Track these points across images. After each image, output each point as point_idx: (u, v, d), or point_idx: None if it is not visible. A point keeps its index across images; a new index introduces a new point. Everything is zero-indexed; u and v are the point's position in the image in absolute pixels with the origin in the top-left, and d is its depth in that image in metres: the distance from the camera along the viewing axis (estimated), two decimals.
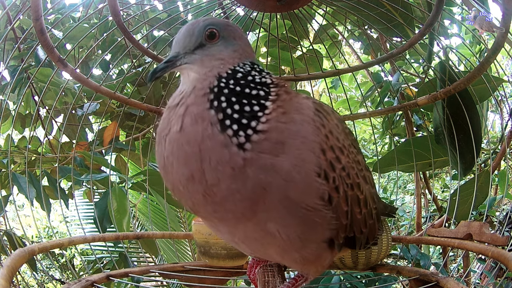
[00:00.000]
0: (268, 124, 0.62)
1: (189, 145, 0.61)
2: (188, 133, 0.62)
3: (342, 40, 2.41)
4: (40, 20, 1.14)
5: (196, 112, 0.63)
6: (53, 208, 3.67)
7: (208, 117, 0.62)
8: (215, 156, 0.60)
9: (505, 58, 3.68)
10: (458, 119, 1.47)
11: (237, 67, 0.69)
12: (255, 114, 0.63)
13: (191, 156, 0.61)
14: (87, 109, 1.99)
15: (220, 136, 0.61)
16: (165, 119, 0.68)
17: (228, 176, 0.60)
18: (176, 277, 1.41)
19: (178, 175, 0.64)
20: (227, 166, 0.60)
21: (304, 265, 0.75)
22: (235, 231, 0.71)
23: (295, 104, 0.67)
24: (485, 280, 2.58)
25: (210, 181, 0.61)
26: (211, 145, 0.61)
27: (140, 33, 2.16)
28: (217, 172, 0.60)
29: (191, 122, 0.62)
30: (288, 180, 0.61)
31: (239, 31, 0.75)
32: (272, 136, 0.62)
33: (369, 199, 0.78)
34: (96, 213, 1.58)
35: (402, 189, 4.97)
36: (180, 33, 0.72)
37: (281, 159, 0.61)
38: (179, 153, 0.63)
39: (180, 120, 0.63)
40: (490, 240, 1.13)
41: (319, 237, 0.69)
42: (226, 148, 0.60)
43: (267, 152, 0.61)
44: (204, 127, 0.61)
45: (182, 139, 0.62)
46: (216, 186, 0.61)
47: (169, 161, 0.64)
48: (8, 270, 0.83)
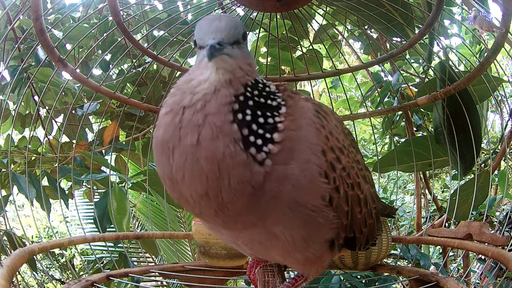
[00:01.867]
0: (283, 134, 0.61)
1: (207, 162, 0.56)
2: (207, 149, 0.56)
3: (342, 40, 2.41)
4: (40, 20, 1.14)
5: (217, 124, 0.57)
6: (53, 208, 3.67)
7: (231, 133, 0.57)
8: (236, 175, 0.57)
9: (505, 58, 3.68)
10: (458, 119, 1.47)
11: (257, 78, 0.65)
12: (275, 126, 0.61)
13: (208, 173, 0.56)
14: (87, 109, 1.99)
15: (243, 155, 0.57)
16: (170, 124, 0.59)
17: (247, 194, 0.58)
18: (176, 277, 1.40)
19: (190, 190, 0.59)
20: (248, 185, 0.58)
21: (305, 266, 0.75)
22: (239, 235, 0.71)
23: (299, 108, 0.66)
24: (485, 280, 2.58)
25: (226, 199, 0.58)
26: (232, 164, 0.56)
27: (140, 33, 2.16)
28: (236, 191, 0.57)
29: (211, 137, 0.56)
30: (295, 185, 0.61)
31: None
32: (285, 145, 0.61)
33: (369, 198, 0.78)
34: (96, 213, 1.57)
35: (402, 189, 4.97)
36: (221, 20, 0.62)
37: (291, 166, 0.61)
38: (194, 169, 0.57)
39: (197, 131, 0.56)
40: (490, 240, 1.13)
41: (323, 237, 0.69)
42: (248, 167, 0.57)
43: (281, 163, 0.60)
44: (226, 144, 0.56)
45: (199, 155, 0.56)
46: (231, 204, 0.59)
47: (179, 175, 0.58)
48: (8, 270, 0.83)
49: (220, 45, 0.58)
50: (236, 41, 0.62)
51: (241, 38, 0.63)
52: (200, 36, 0.62)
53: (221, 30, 0.61)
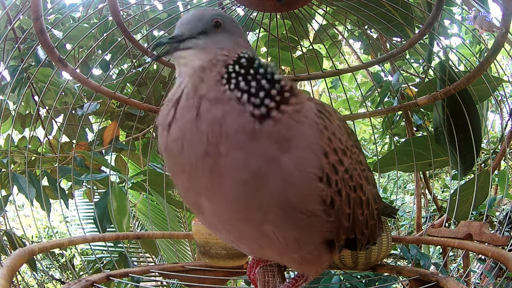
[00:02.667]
0: (282, 116, 0.61)
1: (208, 125, 0.60)
2: (208, 115, 0.60)
3: (342, 40, 2.41)
4: (40, 20, 1.14)
5: (213, 96, 0.61)
6: (53, 208, 3.67)
7: (228, 97, 0.61)
8: (233, 123, 0.59)
9: (505, 58, 3.68)
10: (458, 119, 1.47)
11: (241, 54, 0.67)
12: (271, 94, 0.62)
13: (209, 133, 0.60)
14: (87, 109, 1.99)
15: (241, 107, 0.60)
16: (165, 110, 0.65)
17: (239, 143, 0.59)
18: (176, 277, 1.41)
19: (189, 154, 0.62)
20: (241, 132, 0.59)
21: (303, 265, 0.75)
22: (232, 230, 0.69)
23: (305, 105, 0.66)
24: (485, 280, 2.58)
25: (223, 150, 0.59)
26: (231, 119, 0.60)
27: (140, 33, 2.16)
28: (231, 139, 0.59)
29: (210, 106, 0.61)
30: (287, 181, 0.60)
31: (241, 29, 0.74)
32: (282, 128, 0.61)
33: (371, 200, 0.78)
34: (96, 213, 1.58)
35: (402, 189, 4.97)
36: (186, 16, 0.70)
37: (286, 157, 0.60)
38: (194, 135, 0.61)
39: (195, 108, 0.61)
40: (490, 240, 1.13)
41: (317, 239, 0.68)
42: (241, 115, 0.60)
43: (274, 142, 0.60)
44: (225, 105, 0.60)
45: (200, 122, 0.60)
46: (226, 158, 0.59)
47: (178, 144, 0.62)
48: (8, 270, 0.83)
49: (180, 36, 0.67)
50: (203, 31, 0.68)
51: (211, 27, 0.69)
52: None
53: (183, 25, 0.69)
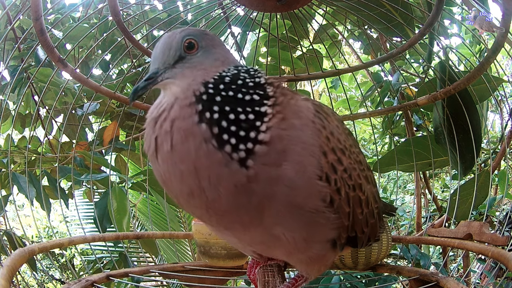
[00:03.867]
0: (270, 133, 0.59)
1: (183, 163, 0.58)
2: (180, 152, 0.58)
3: (342, 40, 2.41)
4: (40, 20, 1.14)
5: (184, 127, 0.58)
6: (53, 208, 3.67)
7: (200, 133, 0.57)
8: (214, 174, 0.57)
9: (505, 58, 3.68)
10: (458, 119, 1.47)
11: (222, 73, 0.65)
12: (253, 124, 0.59)
13: (187, 174, 0.58)
14: (87, 109, 1.99)
15: (218, 154, 0.57)
16: (148, 135, 0.63)
17: (230, 193, 0.58)
18: (176, 277, 1.41)
19: (178, 191, 0.62)
20: (230, 183, 0.57)
21: (308, 265, 0.76)
22: (242, 237, 0.71)
23: (293, 107, 0.65)
24: (485, 280, 2.58)
25: (210, 197, 0.58)
26: (208, 163, 0.57)
27: (140, 33, 2.16)
28: (217, 190, 0.58)
29: (181, 140, 0.58)
30: (291, 187, 0.61)
31: (217, 39, 0.72)
32: (274, 146, 0.59)
33: (370, 199, 0.78)
34: (96, 213, 1.57)
35: (402, 189, 4.97)
36: (158, 47, 0.68)
37: (284, 168, 0.60)
38: (175, 172, 0.59)
39: (169, 137, 0.59)
40: (490, 240, 1.13)
41: (324, 237, 0.69)
42: (226, 166, 0.57)
43: (271, 164, 0.59)
44: (197, 145, 0.57)
45: (175, 158, 0.58)
46: (218, 202, 0.59)
47: (166, 177, 0.61)
48: (8, 270, 0.83)
49: (156, 73, 0.66)
50: (179, 58, 0.67)
51: (186, 50, 0.67)
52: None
53: (157, 58, 0.67)
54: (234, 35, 1.78)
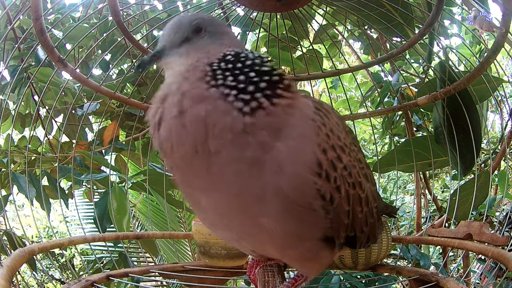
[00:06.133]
0: (274, 108, 0.61)
1: (191, 124, 0.60)
2: (191, 113, 0.60)
3: (342, 40, 2.41)
4: (40, 20, 1.14)
5: (196, 93, 0.61)
6: (53, 208, 3.67)
7: (212, 94, 0.60)
8: (219, 122, 0.59)
9: (505, 58, 3.68)
10: (458, 119, 1.47)
11: (226, 53, 0.67)
12: (266, 86, 0.62)
13: (194, 129, 0.60)
14: (87, 109, 1.99)
15: (226, 106, 0.60)
16: (153, 109, 0.65)
17: (229, 141, 0.59)
18: (176, 277, 1.41)
19: (180, 153, 0.62)
20: (229, 131, 0.59)
21: (302, 263, 0.75)
22: (231, 225, 0.69)
23: (300, 101, 0.66)
24: (485, 280, 2.58)
25: (212, 148, 0.59)
26: (216, 116, 0.59)
27: (140, 33, 2.16)
28: (219, 139, 0.59)
29: (192, 103, 0.60)
30: (281, 169, 0.60)
31: (225, 27, 0.74)
32: (273, 119, 0.61)
33: (370, 197, 0.78)
34: (96, 213, 1.57)
35: (402, 189, 4.97)
36: (167, 27, 0.71)
37: (278, 145, 0.61)
38: (180, 134, 0.61)
39: (177, 105, 0.61)
40: (490, 240, 1.13)
41: (314, 235, 0.68)
42: (229, 114, 0.59)
43: (266, 130, 0.60)
44: (210, 104, 0.60)
45: (184, 120, 0.60)
46: (218, 155, 0.60)
47: (167, 145, 0.63)
48: (8, 270, 0.83)
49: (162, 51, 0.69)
50: (185, 39, 0.70)
51: (193, 33, 0.70)
52: None
53: (165, 37, 0.71)
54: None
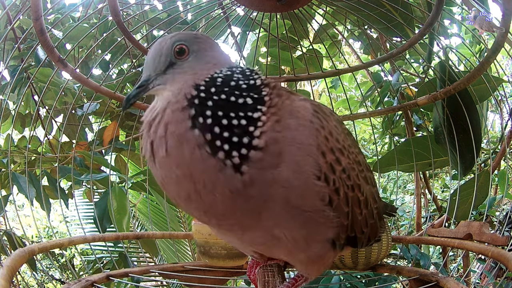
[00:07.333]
0: (264, 137, 0.59)
1: (178, 168, 0.58)
2: (175, 157, 0.58)
3: (342, 40, 2.40)
4: (40, 20, 1.14)
5: (178, 133, 0.58)
6: (53, 208, 3.66)
7: (194, 139, 0.57)
8: (209, 180, 0.57)
9: (505, 58, 3.67)
10: (458, 119, 1.47)
11: (214, 75, 0.64)
12: (246, 129, 0.58)
13: (183, 179, 0.59)
14: (87, 109, 1.99)
15: (212, 160, 0.57)
16: (144, 140, 0.64)
17: (226, 197, 0.58)
18: (176, 277, 1.40)
19: (176, 194, 0.62)
20: (225, 189, 0.58)
21: (308, 265, 0.76)
22: (242, 238, 0.71)
23: (289, 107, 0.64)
24: (485, 280, 2.58)
25: (207, 201, 0.59)
26: (202, 169, 0.57)
27: (140, 33, 2.16)
28: (213, 195, 0.58)
29: (175, 145, 0.58)
30: (288, 187, 0.61)
31: (209, 41, 0.71)
32: (270, 149, 0.59)
33: (370, 199, 0.78)
34: (96, 213, 1.57)
35: (402, 189, 4.97)
36: (149, 54, 0.69)
37: (280, 169, 0.60)
38: (171, 176, 0.60)
39: (164, 143, 0.59)
40: (490, 240, 1.13)
41: (323, 236, 0.69)
42: (220, 172, 0.57)
43: (267, 167, 0.59)
44: (191, 151, 0.57)
45: (171, 163, 0.59)
46: (214, 206, 0.59)
47: (165, 181, 0.62)
48: (8, 270, 0.83)
49: (147, 80, 0.67)
50: (169, 64, 0.67)
51: (176, 56, 0.67)
52: None
53: (149, 65, 0.68)
54: (234, 35, 1.78)
